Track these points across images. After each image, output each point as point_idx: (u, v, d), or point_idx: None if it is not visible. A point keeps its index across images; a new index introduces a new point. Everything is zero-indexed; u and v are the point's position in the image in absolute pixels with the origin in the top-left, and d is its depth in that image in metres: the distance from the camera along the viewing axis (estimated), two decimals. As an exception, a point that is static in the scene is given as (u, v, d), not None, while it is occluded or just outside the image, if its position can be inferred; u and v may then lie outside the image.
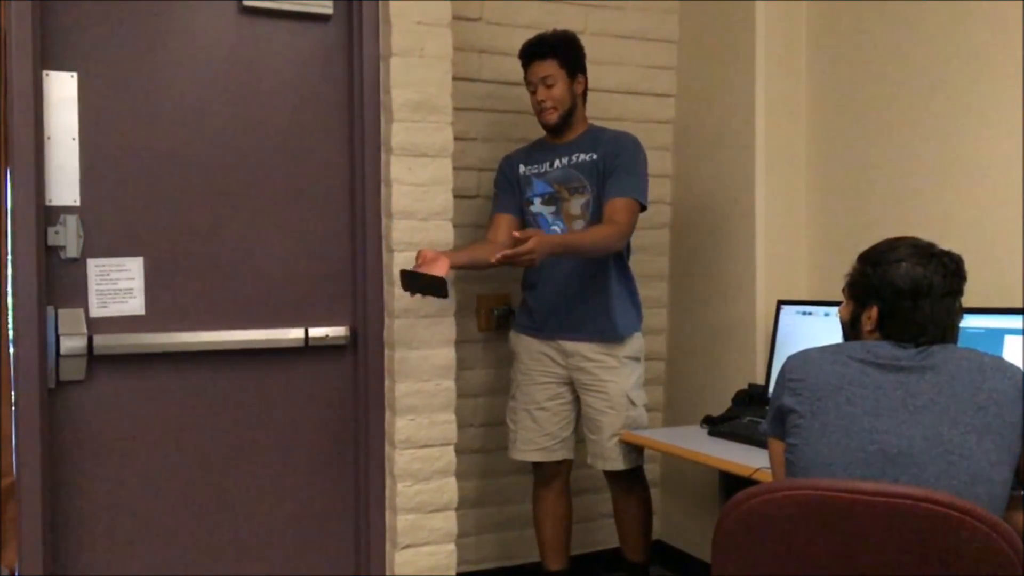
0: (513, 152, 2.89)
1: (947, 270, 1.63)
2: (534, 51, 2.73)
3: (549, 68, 2.70)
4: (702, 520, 3.16)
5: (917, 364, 1.57)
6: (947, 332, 1.64)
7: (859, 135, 2.84)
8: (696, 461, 2.48)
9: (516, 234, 2.38)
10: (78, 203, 2.42)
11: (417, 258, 2.49)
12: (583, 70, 2.77)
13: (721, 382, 3.06)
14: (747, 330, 3.00)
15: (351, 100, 2.69)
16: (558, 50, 2.71)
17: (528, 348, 2.81)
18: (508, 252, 2.35)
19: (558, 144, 2.78)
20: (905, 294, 1.62)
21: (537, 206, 2.77)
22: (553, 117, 2.72)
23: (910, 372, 1.57)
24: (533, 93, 2.74)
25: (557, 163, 2.75)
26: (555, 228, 2.74)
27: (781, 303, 2.83)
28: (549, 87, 2.70)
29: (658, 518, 3.21)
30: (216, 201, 2.58)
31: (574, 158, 2.74)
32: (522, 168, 2.81)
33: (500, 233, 2.77)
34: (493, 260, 2.38)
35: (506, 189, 2.83)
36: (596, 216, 2.69)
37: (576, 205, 2.72)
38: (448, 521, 2.70)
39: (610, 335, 2.71)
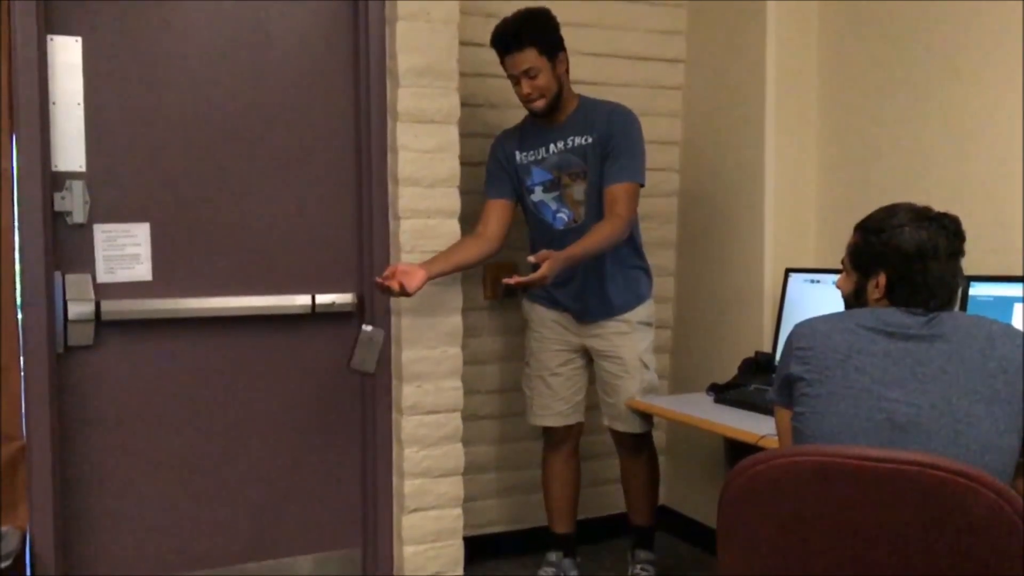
0: (504, 135, 2.80)
1: (948, 231, 1.64)
2: (509, 43, 2.57)
3: (529, 59, 2.55)
4: (707, 486, 3.18)
5: (926, 332, 1.57)
6: (953, 294, 1.64)
7: (869, 101, 2.80)
8: (702, 428, 2.48)
9: (531, 259, 2.38)
10: (84, 168, 2.42)
11: (387, 273, 2.46)
12: (562, 46, 2.62)
13: (728, 350, 3.06)
14: (754, 298, 2.99)
15: (356, 65, 2.67)
16: (534, 37, 2.55)
17: (541, 317, 2.81)
18: (522, 280, 2.37)
19: (551, 127, 2.69)
20: (913, 257, 1.61)
21: (538, 194, 2.73)
22: (541, 105, 2.61)
23: (919, 340, 1.56)
24: (516, 84, 2.62)
25: (553, 148, 2.68)
26: (561, 215, 2.71)
27: (789, 271, 2.82)
28: (533, 78, 2.57)
29: (663, 484, 3.22)
30: (222, 167, 2.57)
31: (570, 142, 2.67)
32: (518, 156, 2.73)
33: (491, 224, 2.69)
34: (504, 281, 2.40)
35: (500, 175, 2.75)
36: (596, 199, 2.65)
37: (579, 191, 2.67)
38: (455, 486, 2.72)
39: (614, 313, 2.71)
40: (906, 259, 1.62)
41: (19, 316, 2.34)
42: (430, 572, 2.69)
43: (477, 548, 2.93)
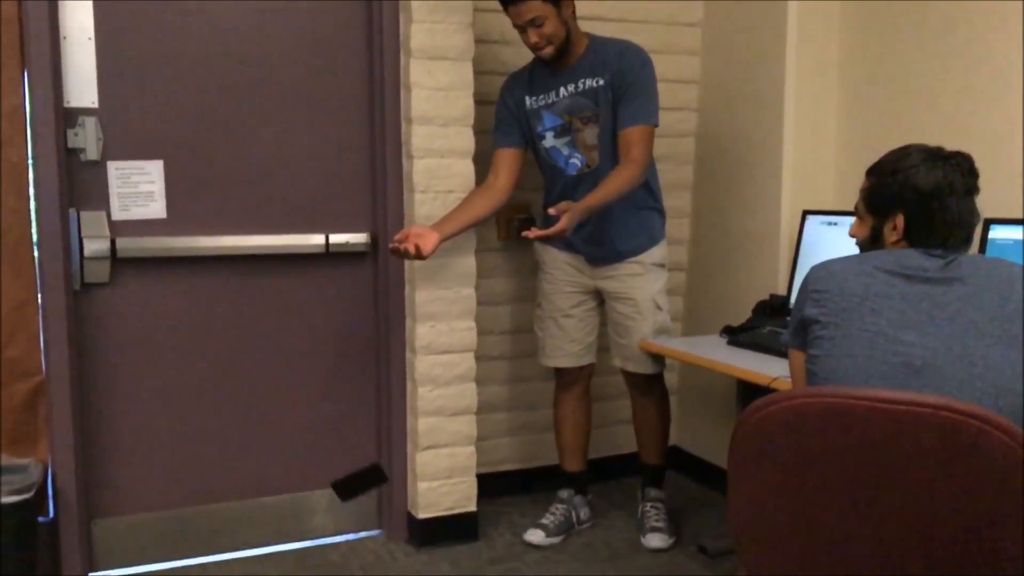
0: (513, 80, 2.73)
1: (962, 169, 1.63)
2: None
3: (534, 8, 2.46)
4: (718, 427, 3.20)
5: (944, 275, 1.55)
6: (970, 233, 1.63)
7: (891, 41, 2.74)
8: (714, 370, 2.48)
9: (551, 211, 2.36)
10: (96, 105, 2.41)
11: (400, 236, 2.46)
12: None
13: (742, 292, 3.05)
14: (770, 240, 2.97)
15: (370, 0, 2.62)
16: None
17: (554, 259, 2.80)
18: (541, 233, 2.36)
19: (561, 69, 2.62)
20: (930, 196, 1.60)
21: (549, 140, 2.68)
22: (550, 52, 2.55)
23: (937, 283, 1.55)
24: (523, 33, 2.54)
25: (563, 91, 2.62)
26: (574, 161, 2.67)
27: (806, 213, 2.79)
28: (539, 27, 2.49)
29: (675, 425, 3.25)
30: (235, 104, 2.56)
31: (580, 84, 2.61)
32: (528, 101, 2.67)
33: (501, 175, 2.66)
34: (523, 235, 2.40)
35: (509, 121, 2.70)
36: (609, 143, 2.61)
37: (591, 135, 2.63)
38: (468, 424, 2.75)
39: (627, 255, 2.70)
40: (924, 198, 1.61)
41: (36, 253, 2.35)
42: (444, 507, 2.74)
43: (490, 485, 2.97)
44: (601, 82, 2.58)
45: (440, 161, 2.62)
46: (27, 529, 2.28)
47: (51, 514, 2.42)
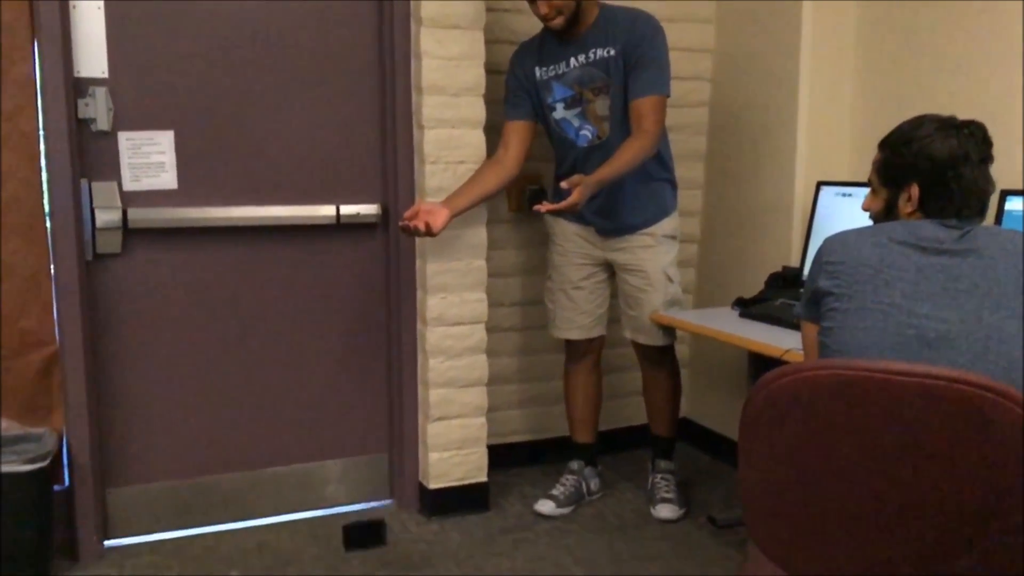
0: (522, 50, 2.70)
1: (976, 138, 1.61)
2: None
3: None
4: (730, 399, 3.20)
5: (959, 247, 1.54)
6: (985, 202, 1.61)
7: (908, 11, 2.69)
8: (726, 342, 2.48)
9: (564, 185, 2.34)
10: (106, 75, 2.40)
11: (409, 213, 2.45)
12: None
13: (754, 264, 3.03)
14: (784, 211, 2.95)
15: (380, -32, 2.60)
16: None
17: (564, 231, 2.79)
18: (552, 207, 2.35)
19: (571, 39, 2.59)
20: (946, 165, 1.59)
21: (560, 111, 2.65)
22: (560, 23, 2.51)
23: (952, 255, 1.53)
24: (532, 3, 2.51)
25: (574, 62, 2.60)
26: (584, 133, 2.64)
27: (821, 184, 2.76)
28: None
29: (686, 398, 3.25)
30: (246, 74, 2.54)
31: (591, 55, 2.57)
32: (538, 72, 2.64)
33: (511, 148, 2.64)
34: (534, 209, 2.38)
35: (519, 93, 2.67)
36: (620, 114, 2.59)
37: (602, 106, 2.60)
38: (479, 396, 2.76)
39: (638, 227, 2.68)
40: (939, 167, 1.59)
41: (48, 224, 2.36)
42: (455, 478, 2.76)
43: (500, 456, 2.98)
44: (612, 52, 2.55)
45: (451, 131, 2.60)
46: (42, 498, 2.30)
47: (66, 483, 2.45)
